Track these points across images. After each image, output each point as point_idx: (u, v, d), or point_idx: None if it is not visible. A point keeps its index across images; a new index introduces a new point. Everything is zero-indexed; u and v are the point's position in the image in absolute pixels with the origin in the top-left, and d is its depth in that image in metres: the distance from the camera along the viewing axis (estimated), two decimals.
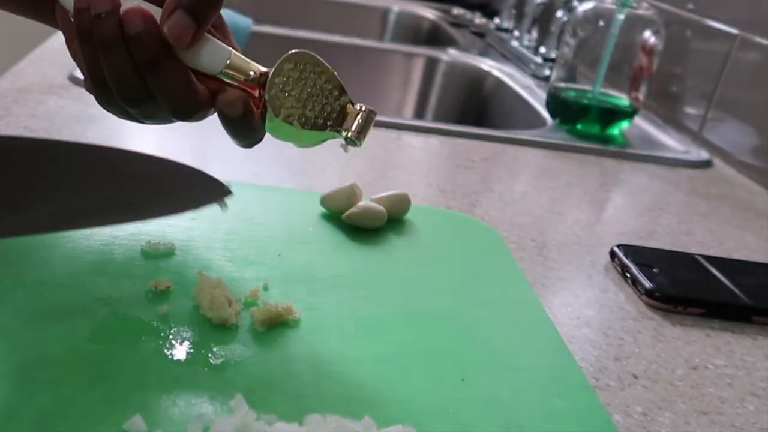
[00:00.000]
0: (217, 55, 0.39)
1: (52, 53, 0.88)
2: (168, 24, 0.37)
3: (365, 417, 0.33)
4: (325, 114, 0.40)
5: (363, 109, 0.40)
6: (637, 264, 0.54)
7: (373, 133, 0.41)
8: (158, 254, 0.45)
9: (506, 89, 1.14)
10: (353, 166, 0.69)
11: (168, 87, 0.38)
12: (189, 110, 0.39)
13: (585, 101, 0.89)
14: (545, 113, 0.96)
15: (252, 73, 0.39)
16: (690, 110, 0.97)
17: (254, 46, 1.29)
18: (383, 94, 1.35)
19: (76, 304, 0.39)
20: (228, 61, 0.39)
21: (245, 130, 0.40)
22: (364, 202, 0.54)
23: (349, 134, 0.40)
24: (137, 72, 0.38)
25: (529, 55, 1.24)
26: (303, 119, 0.39)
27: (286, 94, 0.39)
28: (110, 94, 0.40)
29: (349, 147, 0.41)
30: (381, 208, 0.54)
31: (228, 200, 0.37)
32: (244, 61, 0.39)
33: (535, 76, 1.16)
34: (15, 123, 0.65)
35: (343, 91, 0.40)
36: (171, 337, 0.38)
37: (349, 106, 0.40)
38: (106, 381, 0.34)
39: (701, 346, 0.47)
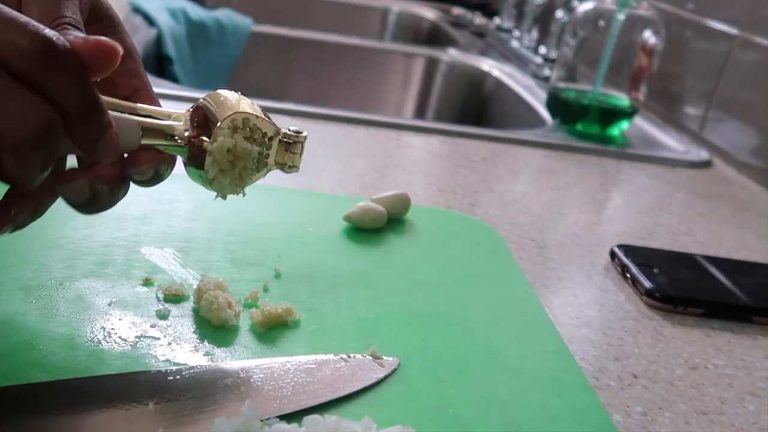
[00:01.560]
0: (129, 134, 0.34)
1: None
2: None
3: (365, 417, 0.33)
4: (263, 160, 0.40)
5: (291, 138, 0.41)
6: (637, 264, 0.54)
7: (373, 133, 0.41)
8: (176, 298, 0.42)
9: (506, 89, 1.14)
10: (353, 166, 0.69)
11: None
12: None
13: (585, 101, 0.89)
14: (545, 113, 0.96)
15: (175, 135, 0.36)
16: (690, 110, 0.97)
17: (254, 46, 1.29)
18: (383, 94, 1.35)
19: (76, 305, 0.39)
20: (140, 137, 0.35)
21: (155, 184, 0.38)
22: (364, 202, 0.54)
23: (287, 167, 0.41)
24: None
25: (529, 55, 1.24)
26: (241, 178, 0.39)
27: (222, 169, 0.38)
28: None
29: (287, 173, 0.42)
30: (381, 208, 0.54)
31: (227, 200, 0.36)
32: (158, 124, 0.36)
33: (535, 76, 1.16)
34: None
35: (274, 130, 0.40)
36: (171, 338, 0.38)
37: (279, 139, 0.41)
38: None
39: (701, 346, 0.47)
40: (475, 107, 1.24)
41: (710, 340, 0.48)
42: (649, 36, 0.86)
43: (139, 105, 0.36)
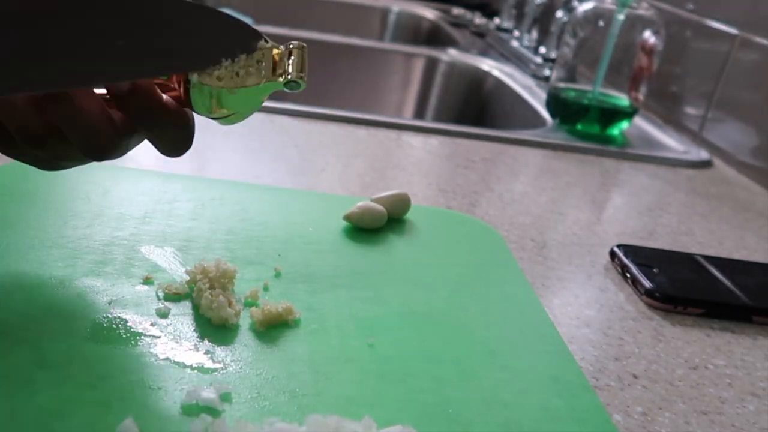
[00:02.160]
0: None
1: None
2: None
3: (365, 417, 0.33)
4: (251, 66, 0.37)
5: (291, 47, 0.38)
6: (637, 264, 0.54)
7: (373, 133, 0.41)
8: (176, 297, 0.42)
9: (506, 89, 1.14)
10: (353, 166, 0.69)
11: (80, 118, 0.34)
12: (104, 141, 0.35)
13: (585, 101, 0.89)
14: (545, 113, 0.96)
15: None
16: (690, 110, 0.97)
17: None
18: (383, 94, 1.35)
19: (76, 304, 0.39)
20: None
21: (168, 129, 0.37)
22: (364, 202, 0.54)
23: (288, 77, 0.37)
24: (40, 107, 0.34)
25: (529, 55, 1.24)
26: (232, 81, 0.36)
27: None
28: (7, 137, 0.36)
29: (293, 90, 0.38)
30: (381, 208, 0.54)
31: (227, 199, 0.36)
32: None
33: (535, 76, 1.16)
34: None
35: (258, 37, 0.37)
36: (171, 337, 0.38)
37: (274, 50, 0.37)
38: (105, 381, 0.34)
39: (701, 346, 0.47)
40: (475, 107, 1.24)
41: (710, 340, 0.48)
42: (649, 36, 0.86)
43: None
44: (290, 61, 0.38)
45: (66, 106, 0.33)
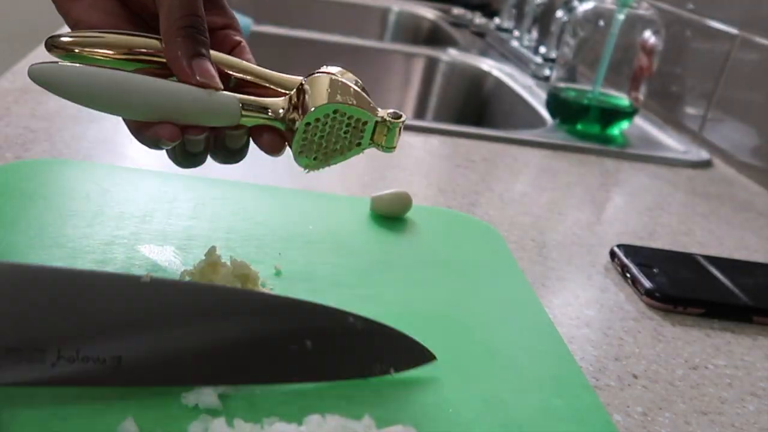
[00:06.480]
0: (229, 108, 0.39)
1: None
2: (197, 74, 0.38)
3: (365, 417, 0.33)
4: (355, 141, 0.42)
5: (387, 123, 0.42)
6: (637, 264, 0.54)
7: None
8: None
9: (506, 89, 1.14)
10: (353, 165, 0.69)
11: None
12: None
13: (585, 101, 0.89)
14: (545, 113, 0.96)
15: (270, 111, 0.40)
16: (690, 110, 0.97)
17: (254, 45, 1.29)
18: (383, 94, 1.35)
19: None
20: (240, 114, 0.39)
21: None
22: (392, 190, 0.56)
23: (382, 148, 0.42)
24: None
25: (529, 55, 1.24)
26: (326, 157, 0.42)
27: (314, 144, 0.41)
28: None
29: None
30: (407, 195, 0.56)
31: (228, 199, 0.36)
32: (258, 101, 0.40)
33: (535, 76, 1.16)
34: (15, 123, 0.65)
35: (369, 114, 0.41)
36: None
37: (376, 122, 0.41)
38: None
39: (701, 346, 0.47)
40: (475, 107, 1.24)
41: (710, 340, 0.48)
42: (649, 36, 0.87)
43: (254, 67, 0.41)
44: (388, 134, 0.42)
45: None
